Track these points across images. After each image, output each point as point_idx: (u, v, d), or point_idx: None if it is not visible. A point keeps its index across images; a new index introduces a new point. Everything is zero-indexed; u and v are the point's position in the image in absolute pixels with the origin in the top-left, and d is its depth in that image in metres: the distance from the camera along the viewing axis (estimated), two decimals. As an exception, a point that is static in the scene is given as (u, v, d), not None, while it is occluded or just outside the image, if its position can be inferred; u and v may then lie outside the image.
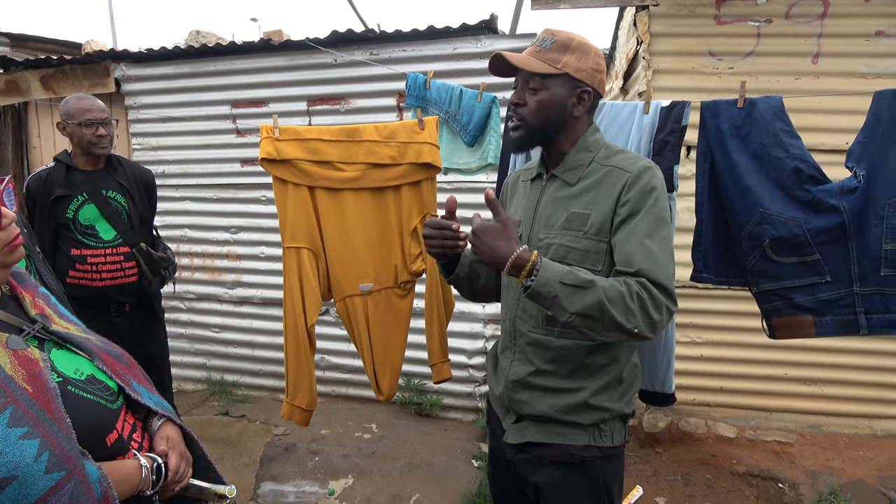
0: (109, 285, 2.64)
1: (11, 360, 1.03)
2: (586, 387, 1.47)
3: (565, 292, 1.31)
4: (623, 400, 1.51)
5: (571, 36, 1.49)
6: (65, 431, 1.00)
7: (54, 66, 4.48)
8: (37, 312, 1.21)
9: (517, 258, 1.34)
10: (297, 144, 2.05)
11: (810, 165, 1.98)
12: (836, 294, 1.99)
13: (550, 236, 1.48)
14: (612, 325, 1.31)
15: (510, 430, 1.58)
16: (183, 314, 4.59)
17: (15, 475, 0.91)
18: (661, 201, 1.43)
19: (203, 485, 1.32)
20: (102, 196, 2.64)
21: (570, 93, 1.48)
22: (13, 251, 1.12)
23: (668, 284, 1.35)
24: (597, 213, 1.44)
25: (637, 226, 1.39)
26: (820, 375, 3.53)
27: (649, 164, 1.47)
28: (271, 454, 3.54)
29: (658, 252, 1.37)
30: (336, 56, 3.85)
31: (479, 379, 3.97)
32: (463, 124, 2.65)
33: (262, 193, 4.25)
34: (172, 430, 1.32)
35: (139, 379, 1.33)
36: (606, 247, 1.43)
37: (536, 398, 1.51)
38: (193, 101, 4.29)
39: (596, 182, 1.48)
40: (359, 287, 2.19)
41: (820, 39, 3.25)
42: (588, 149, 1.53)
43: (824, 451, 3.42)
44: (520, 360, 1.55)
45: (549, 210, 1.52)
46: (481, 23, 3.60)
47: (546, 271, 1.32)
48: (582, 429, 1.48)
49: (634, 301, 1.30)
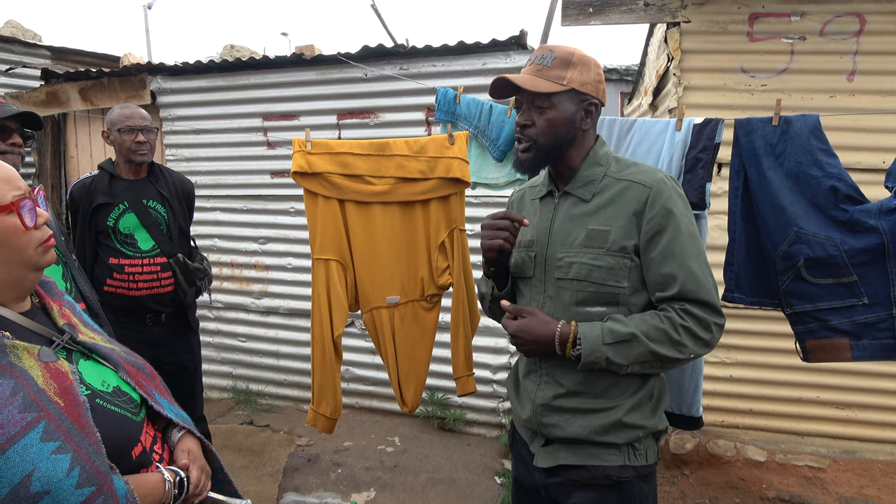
0: (146, 295, 2.66)
1: (44, 374, 1.03)
2: (620, 405, 1.44)
3: (612, 351, 1.35)
4: (656, 416, 1.48)
5: (570, 50, 1.48)
6: (95, 446, 1.01)
7: (93, 78, 4.60)
8: (64, 322, 1.21)
9: (560, 335, 1.40)
10: (328, 158, 2.07)
11: (847, 185, 1.95)
12: (873, 317, 1.94)
13: (570, 255, 1.47)
14: (668, 361, 1.37)
15: (539, 453, 1.54)
16: (210, 323, 4.65)
17: (48, 490, 0.92)
18: (686, 214, 1.42)
19: (221, 498, 1.33)
20: (143, 205, 2.67)
21: (577, 107, 1.47)
22: (46, 252, 1.15)
23: (712, 300, 1.36)
24: (617, 229, 1.42)
25: (670, 244, 1.38)
26: (854, 399, 3.44)
27: (666, 175, 1.46)
28: (294, 465, 3.55)
29: (697, 269, 1.37)
30: (366, 70, 3.89)
31: (502, 395, 3.94)
32: (492, 139, 2.66)
33: (291, 205, 4.30)
34: (193, 443, 1.33)
35: (160, 390, 1.34)
36: (630, 262, 1.42)
37: (568, 420, 1.48)
38: (226, 114, 4.37)
39: (613, 197, 1.46)
40: (386, 299, 2.19)
41: (856, 57, 3.20)
42: (599, 163, 1.51)
43: (858, 477, 3.32)
44: (547, 382, 1.52)
45: (566, 228, 1.50)
46: (511, 38, 3.62)
47: (588, 340, 1.36)
48: (616, 449, 1.45)
49: (680, 333, 1.34)
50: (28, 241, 1.10)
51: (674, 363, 1.39)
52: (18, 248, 1.09)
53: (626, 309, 1.44)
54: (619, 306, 1.44)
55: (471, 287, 2.26)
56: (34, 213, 1.12)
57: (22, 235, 1.09)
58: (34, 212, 1.12)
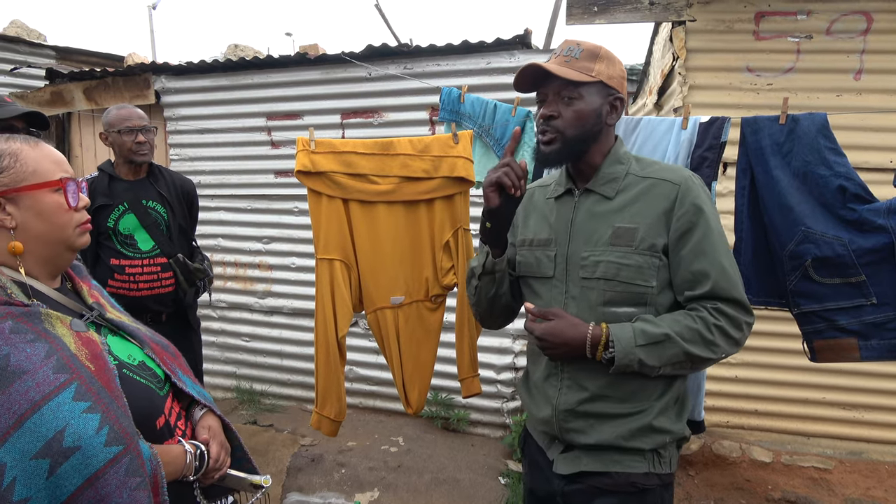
0: (146, 295, 2.66)
1: (75, 341, 1.09)
2: (648, 408, 1.41)
3: (645, 353, 1.33)
4: (681, 420, 1.45)
5: (597, 45, 1.46)
6: (123, 409, 1.06)
7: (97, 78, 4.61)
8: (93, 301, 1.28)
9: (592, 338, 1.36)
10: (332, 157, 2.07)
11: (856, 184, 1.93)
12: (882, 317, 1.92)
13: (596, 253, 1.43)
14: (700, 361, 1.36)
15: (559, 460, 1.49)
16: (214, 322, 4.65)
17: (79, 446, 0.98)
18: (714, 212, 1.41)
19: (240, 475, 1.37)
20: (142, 206, 2.67)
21: (604, 101, 1.45)
22: (83, 234, 1.23)
23: (743, 298, 1.36)
24: (645, 226, 1.39)
25: (701, 242, 1.36)
26: (860, 400, 3.41)
27: (692, 173, 1.44)
28: (298, 465, 3.55)
29: (728, 266, 1.36)
30: (370, 70, 3.88)
31: (507, 395, 3.93)
32: (496, 138, 2.64)
33: (295, 205, 4.30)
34: (213, 420, 1.38)
35: (183, 369, 1.40)
36: (658, 261, 1.39)
37: (594, 426, 1.43)
38: (230, 114, 4.37)
39: (638, 195, 1.43)
40: (390, 300, 2.18)
41: (863, 56, 3.18)
42: (620, 161, 1.49)
43: (865, 479, 3.29)
44: (569, 386, 1.46)
45: (590, 226, 1.46)
46: (515, 37, 3.61)
47: (621, 342, 1.33)
48: (641, 455, 1.41)
49: (713, 332, 1.33)
50: (69, 221, 1.19)
51: (705, 363, 1.39)
52: (60, 225, 1.17)
53: (653, 309, 1.41)
54: (646, 306, 1.40)
55: (475, 287, 2.25)
56: (77, 196, 1.21)
57: (64, 214, 1.18)
58: (77, 195, 1.21)
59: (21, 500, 0.93)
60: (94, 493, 0.98)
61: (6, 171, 1.12)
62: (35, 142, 1.19)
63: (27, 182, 1.13)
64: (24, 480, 0.94)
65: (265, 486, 1.39)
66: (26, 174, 1.14)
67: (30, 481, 0.94)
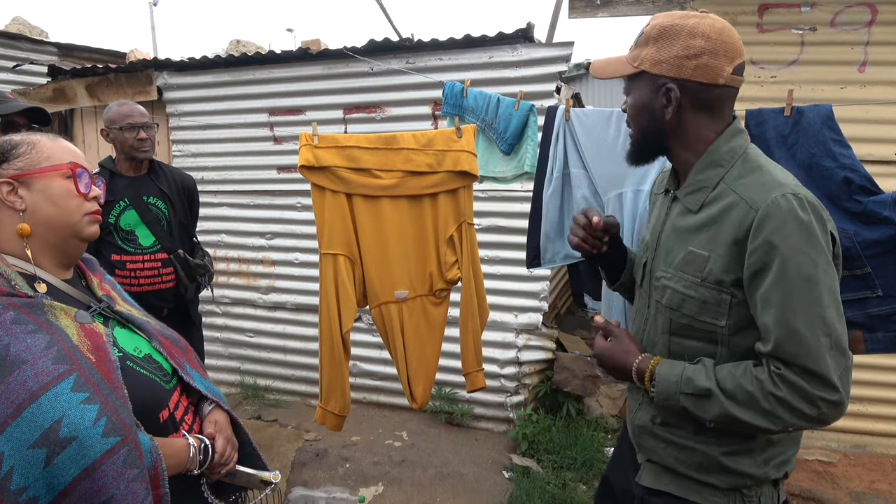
0: (147, 291, 2.67)
1: (78, 332, 1.11)
2: (718, 445, 1.23)
3: (691, 402, 1.17)
4: (770, 464, 1.24)
5: (657, 22, 1.23)
6: (122, 400, 1.07)
7: (100, 74, 4.61)
8: (103, 294, 1.30)
9: (638, 370, 1.27)
10: (335, 152, 2.06)
11: (861, 175, 1.92)
12: (887, 309, 1.91)
13: (667, 276, 1.28)
14: (754, 429, 1.14)
15: (646, 468, 1.39)
16: (218, 318, 4.66)
17: (75, 436, 0.99)
18: (803, 250, 1.09)
19: (249, 471, 1.37)
20: (143, 202, 2.68)
21: (653, 93, 1.23)
22: (92, 223, 1.24)
23: (818, 368, 1.07)
24: (716, 257, 1.18)
25: (770, 290, 1.10)
26: (864, 393, 3.41)
27: (790, 192, 1.12)
28: (302, 459, 3.55)
29: (801, 327, 1.08)
30: (373, 65, 3.88)
31: (510, 389, 3.94)
32: (499, 133, 2.64)
33: (298, 200, 4.30)
34: (221, 415, 1.38)
35: (193, 364, 1.41)
36: (730, 298, 1.17)
37: (663, 448, 1.32)
38: (232, 109, 4.37)
39: (719, 214, 1.19)
40: (394, 294, 2.18)
41: (868, 48, 3.16)
42: (719, 163, 1.23)
43: (869, 472, 3.30)
44: (647, 404, 1.35)
45: (670, 241, 1.30)
46: (518, 31, 3.59)
47: (662, 383, 1.21)
48: (721, 492, 1.25)
49: (771, 402, 1.09)
50: (77, 207, 1.20)
51: (766, 432, 1.16)
52: (68, 210, 1.19)
53: (726, 349, 1.21)
54: (717, 345, 1.22)
55: (479, 281, 2.25)
56: (89, 185, 1.23)
57: (73, 199, 1.20)
58: (90, 185, 1.23)
59: (19, 488, 0.95)
60: (90, 484, 0.99)
61: (22, 157, 1.16)
62: (55, 137, 1.23)
63: (40, 166, 1.17)
64: (22, 469, 0.95)
65: (275, 482, 1.38)
66: (41, 160, 1.17)
67: (27, 470, 0.95)
